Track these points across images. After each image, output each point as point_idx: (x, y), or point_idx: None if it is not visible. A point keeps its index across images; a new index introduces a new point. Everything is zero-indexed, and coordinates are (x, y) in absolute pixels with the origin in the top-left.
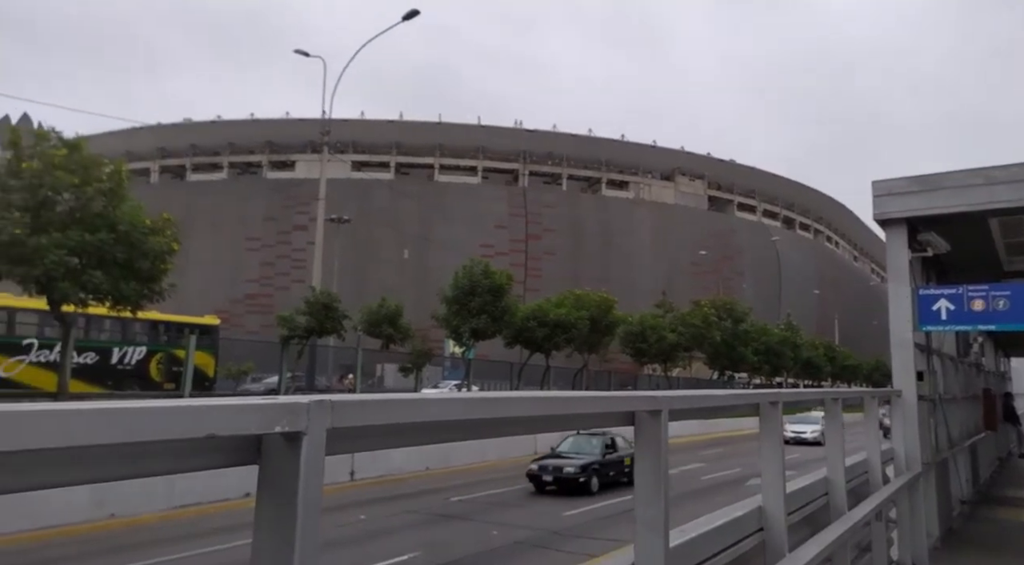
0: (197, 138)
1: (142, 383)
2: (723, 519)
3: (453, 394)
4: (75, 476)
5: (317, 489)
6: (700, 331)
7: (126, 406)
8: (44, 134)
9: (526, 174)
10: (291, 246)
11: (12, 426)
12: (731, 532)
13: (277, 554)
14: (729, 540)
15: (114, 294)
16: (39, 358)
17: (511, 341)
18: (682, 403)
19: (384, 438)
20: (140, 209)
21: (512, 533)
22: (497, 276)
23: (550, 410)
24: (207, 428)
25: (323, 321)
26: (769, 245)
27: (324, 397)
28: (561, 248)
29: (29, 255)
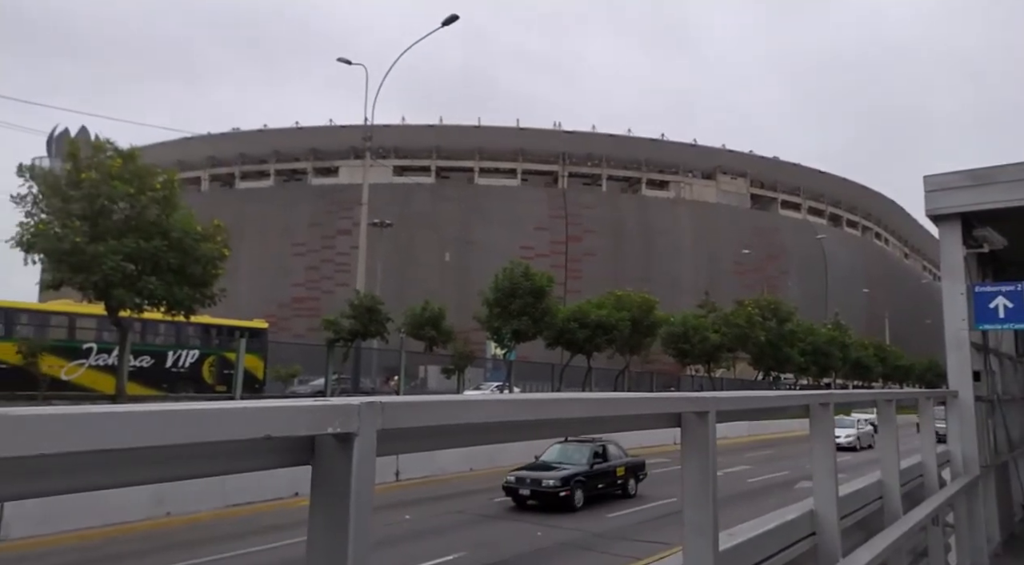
0: (245, 147)
1: (195, 385)
2: (773, 522)
3: (498, 396)
4: (141, 476)
5: (369, 489)
6: (744, 331)
7: (189, 408)
8: (100, 145)
9: (565, 176)
10: (335, 250)
11: (87, 427)
12: (782, 536)
13: (331, 552)
14: (780, 544)
15: (168, 299)
16: (98, 362)
17: (552, 342)
18: (730, 404)
19: (432, 439)
20: (192, 216)
21: (557, 534)
22: (538, 278)
23: (594, 412)
24: (264, 429)
25: (367, 324)
26: (815, 243)
27: (374, 399)
28: (601, 249)
29: (88, 262)
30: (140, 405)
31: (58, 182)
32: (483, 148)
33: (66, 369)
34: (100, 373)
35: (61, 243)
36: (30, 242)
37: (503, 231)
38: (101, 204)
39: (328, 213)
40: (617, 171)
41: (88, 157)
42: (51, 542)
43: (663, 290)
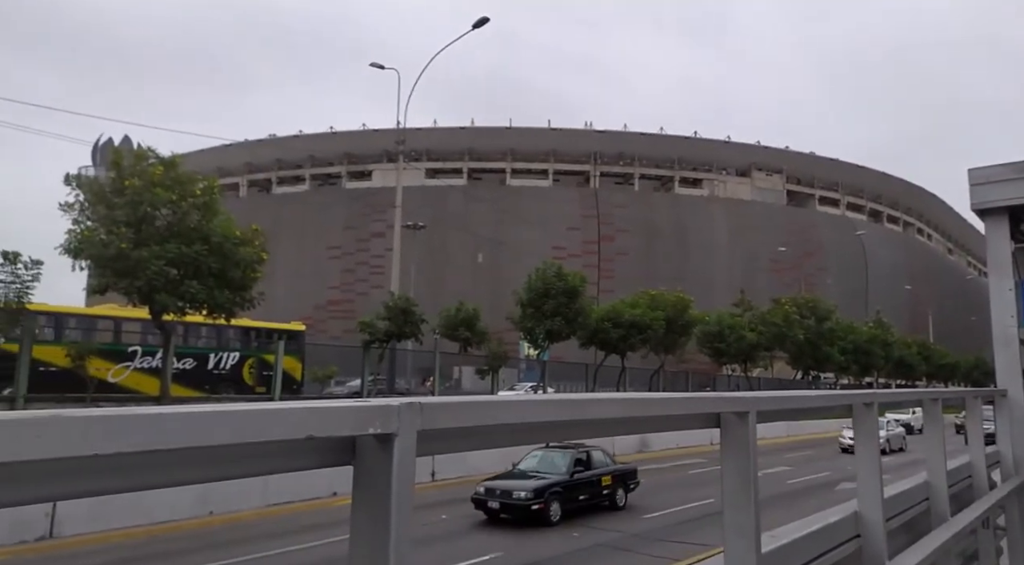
0: (281, 153)
1: (236, 387)
2: (817, 524)
3: (536, 396)
4: (189, 476)
5: (409, 489)
6: (781, 330)
7: (235, 409)
8: (143, 154)
9: (597, 175)
10: (370, 253)
11: (138, 428)
12: (826, 538)
13: (373, 551)
14: (824, 546)
15: (209, 303)
16: (143, 364)
17: (586, 342)
18: (770, 404)
19: (471, 439)
20: (231, 222)
21: (593, 535)
22: (571, 278)
23: (633, 412)
24: (306, 430)
25: (402, 325)
26: (854, 239)
27: (414, 399)
28: (634, 248)
29: (132, 267)
30: (188, 406)
31: (103, 190)
32: (515, 149)
33: (112, 371)
34: (145, 375)
35: (107, 249)
36: (77, 249)
37: (535, 231)
38: (144, 211)
39: (362, 216)
40: (649, 169)
41: (131, 165)
42: (99, 540)
43: (697, 289)
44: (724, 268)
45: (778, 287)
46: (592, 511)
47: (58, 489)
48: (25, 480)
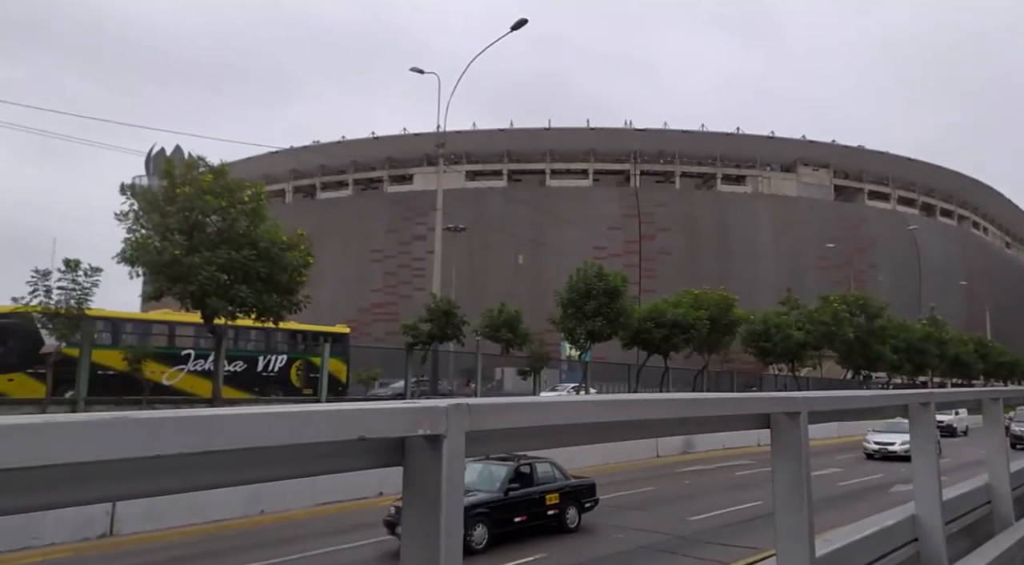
0: (325, 159)
1: (284, 389)
2: (872, 528)
3: (583, 397)
4: (246, 476)
5: (459, 489)
6: (830, 328)
7: (289, 411)
8: (193, 163)
9: (637, 174)
10: (411, 256)
11: (198, 430)
12: (881, 542)
13: (425, 549)
14: (879, 550)
15: (258, 306)
16: (196, 367)
17: (628, 343)
18: (822, 404)
19: (518, 440)
20: (278, 227)
21: (637, 537)
22: (612, 278)
23: (681, 412)
24: (358, 431)
25: (444, 327)
26: (906, 235)
27: (461, 401)
28: (676, 247)
29: (185, 273)
30: (245, 408)
31: (156, 198)
32: (554, 150)
33: (167, 374)
34: (198, 378)
35: (160, 256)
36: (133, 256)
37: (575, 232)
38: (196, 218)
39: (404, 220)
40: (691, 167)
41: (183, 174)
42: (156, 538)
43: (741, 288)
44: (769, 266)
45: (826, 285)
46: (527, 535)
47: (123, 489)
48: (94, 480)
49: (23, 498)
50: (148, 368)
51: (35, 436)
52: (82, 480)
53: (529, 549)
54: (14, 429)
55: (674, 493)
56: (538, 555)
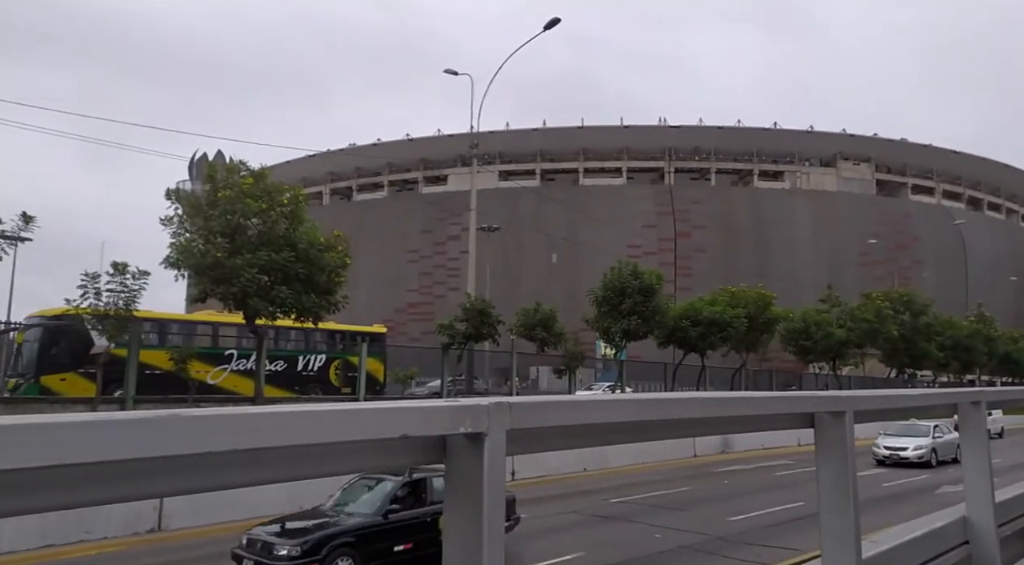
0: (361, 161)
1: (323, 388)
2: (921, 530)
3: (623, 395)
4: (292, 472)
5: (500, 487)
6: (873, 326)
7: (334, 408)
8: (234, 167)
9: (672, 171)
10: (446, 256)
11: (245, 427)
12: (930, 544)
13: (467, 547)
14: (929, 553)
15: (297, 307)
16: (238, 367)
17: (664, 341)
18: (868, 404)
19: (559, 439)
20: (316, 229)
21: (676, 537)
22: (647, 276)
23: (723, 411)
24: (401, 429)
25: (479, 327)
26: (951, 229)
27: (502, 399)
28: (712, 245)
29: (227, 275)
30: (292, 406)
31: (199, 202)
32: (587, 148)
33: (211, 374)
34: (241, 377)
35: (204, 258)
36: (178, 260)
37: (609, 230)
38: (237, 221)
39: (438, 220)
40: (727, 164)
41: (224, 178)
42: (201, 534)
43: (780, 285)
44: (808, 263)
45: (868, 282)
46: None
47: (178, 485)
48: (149, 476)
49: (82, 493)
50: (193, 368)
51: (95, 433)
52: (137, 476)
53: (567, 547)
54: (72, 426)
55: (712, 493)
56: (575, 554)
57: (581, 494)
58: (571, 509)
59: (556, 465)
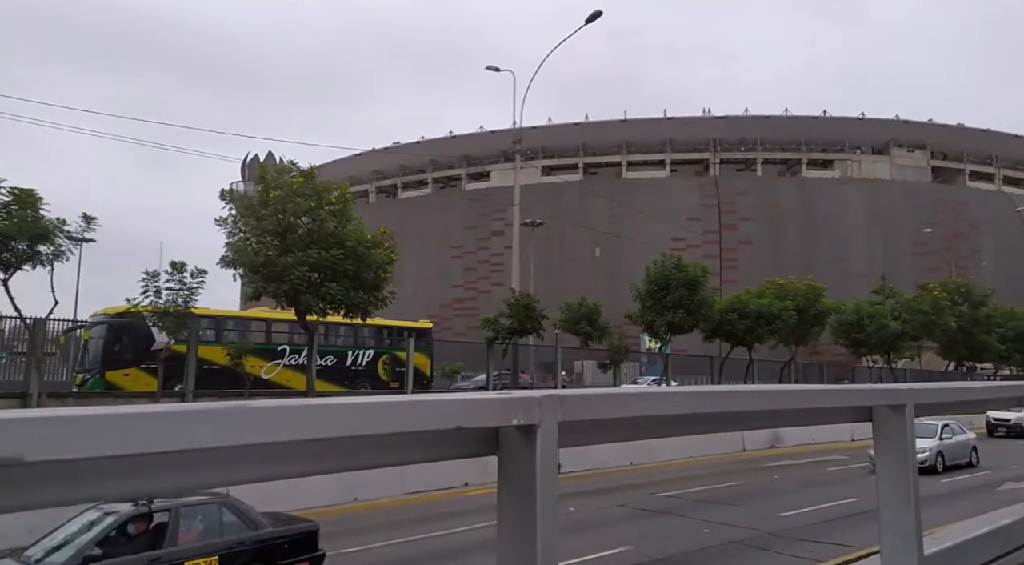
0: (405, 159)
1: (371, 382)
2: (987, 527)
3: (673, 388)
4: (348, 463)
5: (553, 479)
6: (930, 317)
7: (391, 400)
8: (284, 168)
9: (717, 163)
10: (490, 251)
11: (303, 419)
12: (997, 542)
13: (520, 538)
14: (995, 551)
15: (346, 303)
16: (290, 361)
17: (709, 335)
18: (929, 397)
19: (611, 431)
20: (363, 226)
21: (725, 532)
22: (691, 269)
23: (777, 404)
24: (455, 421)
25: (524, 321)
26: (1013, 216)
27: (554, 392)
28: (758, 236)
29: (279, 273)
30: (353, 398)
31: (252, 203)
32: (630, 141)
33: (265, 368)
34: (293, 372)
35: (257, 257)
36: (233, 259)
37: (653, 224)
38: (288, 220)
39: (482, 216)
40: (774, 153)
41: (275, 178)
42: None
43: (830, 277)
44: (860, 254)
45: (924, 272)
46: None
47: (247, 473)
48: (219, 465)
49: (156, 481)
50: (248, 362)
51: (170, 423)
52: (209, 465)
53: (615, 541)
54: (149, 417)
55: (763, 488)
56: (623, 547)
57: (628, 488)
58: (618, 503)
59: (602, 458)
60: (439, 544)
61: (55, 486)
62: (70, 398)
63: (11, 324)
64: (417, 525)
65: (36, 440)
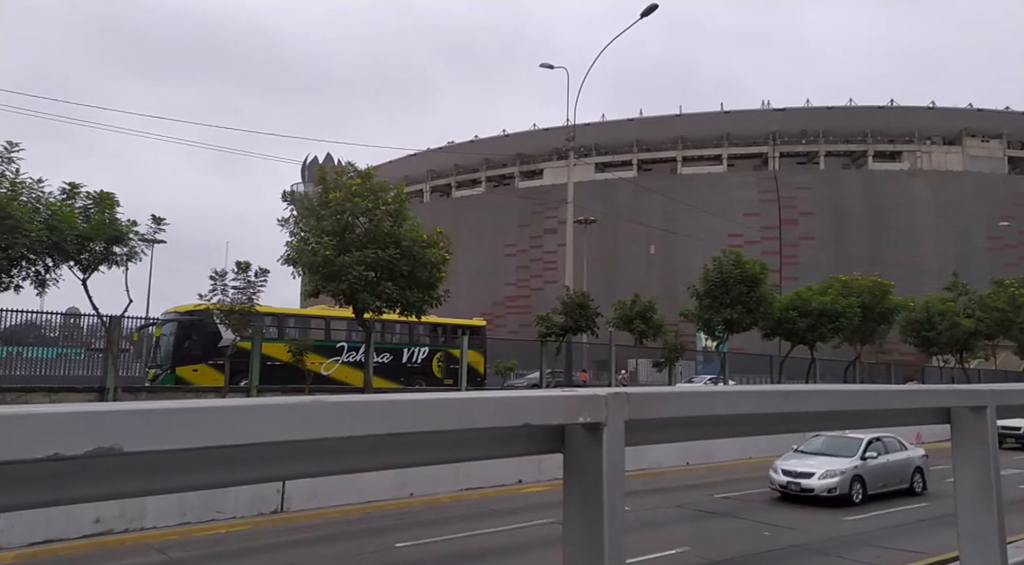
0: (459, 158)
1: (426, 379)
2: None
3: (742, 387)
4: (422, 458)
5: (620, 477)
6: (1006, 315)
7: (459, 397)
8: (342, 169)
9: (776, 156)
10: (543, 249)
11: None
12: None
13: (587, 535)
14: None
15: (402, 301)
16: (348, 358)
17: (769, 333)
18: (1013, 398)
19: (678, 430)
20: (418, 226)
21: (785, 535)
22: (750, 266)
23: (849, 405)
24: (523, 418)
25: (577, 319)
26: None
27: (620, 390)
28: (820, 232)
29: (338, 272)
30: (423, 395)
31: (312, 204)
32: (685, 136)
33: (325, 365)
34: (351, 368)
35: (316, 257)
36: (293, 258)
37: (709, 219)
38: (347, 220)
39: (535, 214)
40: (837, 146)
41: (334, 180)
42: (319, 515)
43: (898, 273)
44: (930, 249)
45: (999, 268)
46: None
47: (325, 466)
48: (293, 458)
49: (239, 471)
50: (309, 359)
51: (248, 416)
52: (283, 458)
53: (673, 541)
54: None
55: None
56: (679, 548)
57: (684, 488)
58: (674, 503)
59: (658, 458)
60: (496, 540)
61: (147, 476)
62: (143, 393)
63: (89, 322)
64: (473, 521)
65: (134, 432)
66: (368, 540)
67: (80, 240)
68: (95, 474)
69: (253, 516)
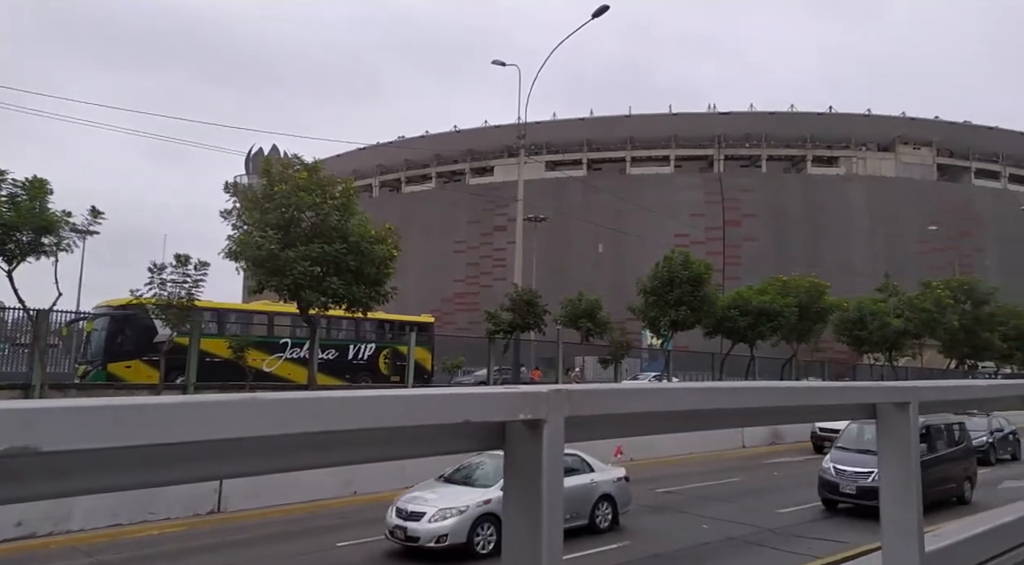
0: (409, 154)
1: (372, 376)
2: (987, 525)
3: (679, 384)
4: (363, 455)
5: (558, 474)
6: (932, 316)
7: (400, 394)
8: (288, 162)
9: (721, 159)
10: (493, 246)
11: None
12: (999, 539)
13: (526, 532)
14: (996, 548)
15: (348, 298)
16: (292, 355)
17: (711, 331)
18: (934, 395)
19: (617, 427)
20: (366, 221)
21: (724, 528)
22: (696, 266)
23: (782, 401)
24: (464, 415)
25: (525, 316)
26: (1018, 215)
27: (561, 387)
28: (762, 233)
29: (282, 267)
30: (362, 392)
31: (256, 196)
32: (634, 137)
33: (267, 361)
34: (294, 365)
35: (260, 251)
36: (236, 252)
37: (657, 220)
38: (292, 214)
39: (485, 211)
40: (778, 150)
41: (279, 172)
42: (260, 515)
43: (834, 274)
44: (864, 251)
45: (927, 270)
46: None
47: (256, 465)
48: (229, 457)
49: (167, 473)
50: (250, 356)
51: (181, 414)
52: (217, 457)
53: (611, 537)
54: (174, 407)
55: (762, 485)
56: (621, 543)
57: None
58: None
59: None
60: None
61: (66, 477)
62: (72, 390)
63: (14, 315)
64: None
65: (52, 430)
66: (309, 540)
67: (5, 229)
68: (8, 475)
69: (188, 517)
